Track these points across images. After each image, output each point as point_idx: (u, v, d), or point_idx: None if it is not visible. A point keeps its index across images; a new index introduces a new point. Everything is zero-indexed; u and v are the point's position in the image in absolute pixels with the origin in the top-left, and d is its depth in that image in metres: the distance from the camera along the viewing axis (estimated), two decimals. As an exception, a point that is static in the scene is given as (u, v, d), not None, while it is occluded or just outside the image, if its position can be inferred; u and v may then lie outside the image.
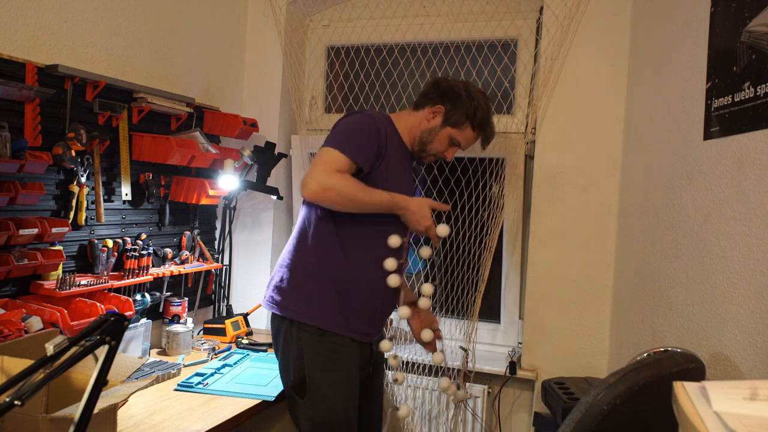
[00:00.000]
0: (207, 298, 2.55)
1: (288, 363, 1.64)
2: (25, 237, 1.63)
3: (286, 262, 1.68)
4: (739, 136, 1.26)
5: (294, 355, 1.62)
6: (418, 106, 1.74)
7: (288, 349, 1.63)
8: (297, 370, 1.61)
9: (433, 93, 1.71)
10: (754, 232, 1.19)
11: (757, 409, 0.74)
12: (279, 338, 1.67)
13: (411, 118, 1.74)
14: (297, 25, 2.66)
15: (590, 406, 0.96)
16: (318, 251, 1.64)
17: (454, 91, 1.69)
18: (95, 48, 1.95)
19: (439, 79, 1.77)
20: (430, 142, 1.72)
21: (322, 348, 1.61)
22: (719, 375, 1.29)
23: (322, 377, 1.60)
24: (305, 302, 1.63)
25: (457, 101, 1.68)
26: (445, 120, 1.70)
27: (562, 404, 1.79)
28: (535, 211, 2.28)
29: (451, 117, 1.69)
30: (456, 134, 1.71)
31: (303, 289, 1.64)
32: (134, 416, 1.58)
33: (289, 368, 1.64)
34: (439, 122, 1.70)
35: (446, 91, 1.70)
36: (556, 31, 2.22)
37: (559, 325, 2.24)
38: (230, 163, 2.36)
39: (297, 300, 1.63)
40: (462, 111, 1.68)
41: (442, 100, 1.69)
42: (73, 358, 1.00)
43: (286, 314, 1.64)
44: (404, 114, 1.77)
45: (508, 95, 2.38)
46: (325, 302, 1.62)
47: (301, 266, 1.65)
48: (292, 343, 1.62)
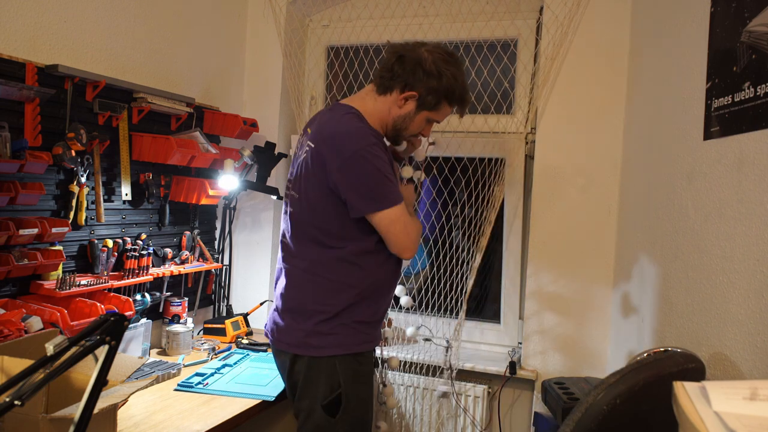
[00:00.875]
0: (207, 298, 2.55)
1: (316, 385, 1.54)
2: (25, 237, 1.63)
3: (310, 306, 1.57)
4: (739, 136, 1.26)
5: (324, 376, 1.54)
6: (385, 89, 1.57)
7: (317, 372, 1.55)
8: (328, 390, 1.53)
9: (401, 73, 1.54)
10: (754, 232, 1.19)
11: (757, 409, 0.74)
12: (305, 372, 1.56)
13: (378, 104, 1.59)
14: (297, 25, 2.66)
15: (590, 406, 0.96)
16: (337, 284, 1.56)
17: (423, 70, 1.52)
18: (95, 48, 1.94)
19: (401, 54, 1.56)
20: (406, 129, 1.61)
21: (355, 363, 1.57)
22: (719, 375, 1.29)
23: (356, 394, 1.56)
24: (340, 336, 1.55)
25: (429, 83, 1.53)
26: (419, 105, 1.56)
27: (562, 404, 1.79)
28: (535, 211, 2.28)
29: (425, 101, 1.55)
30: (433, 115, 1.60)
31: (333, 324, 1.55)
32: (134, 416, 1.58)
33: (316, 390, 1.54)
34: (413, 108, 1.56)
35: (414, 71, 1.53)
36: (556, 31, 2.22)
37: (559, 325, 2.24)
38: (230, 163, 2.36)
39: (330, 338, 1.54)
40: (436, 93, 1.54)
41: (413, 84, 1.54)
42: (73, 358, 1.00)
43: (323, 354, 1.54)
44: (368, 99, 1.60)
45: (508, 95, 2.38)
46: (354, 329, 1.57)
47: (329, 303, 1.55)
48: (322, 368, 1.54)
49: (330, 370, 1.53)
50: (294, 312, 1.60)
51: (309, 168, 1.54)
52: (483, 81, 2.36)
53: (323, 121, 1.59)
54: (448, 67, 1.54)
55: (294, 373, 1.59)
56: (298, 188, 1.59)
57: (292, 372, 1.60)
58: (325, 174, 1.50)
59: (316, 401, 1.53)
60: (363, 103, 1.60)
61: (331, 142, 1.50)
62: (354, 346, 1.57)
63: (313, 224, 1.56)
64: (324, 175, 1.50)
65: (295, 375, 1.59)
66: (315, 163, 1.52)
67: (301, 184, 1.57)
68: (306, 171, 1.55)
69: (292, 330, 1.59)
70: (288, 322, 1.60)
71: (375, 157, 1.48)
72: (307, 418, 1.57)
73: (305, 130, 1.67)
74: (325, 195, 1.52)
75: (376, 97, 1.60)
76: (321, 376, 1.54)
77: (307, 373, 1.56)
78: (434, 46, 1.58)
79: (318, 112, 1.74)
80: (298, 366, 1.58)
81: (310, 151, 1.55)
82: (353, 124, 1.53)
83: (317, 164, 1.51)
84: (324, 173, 1.50)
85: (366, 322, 1.59)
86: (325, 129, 1.54)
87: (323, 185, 1.51)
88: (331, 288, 1.56)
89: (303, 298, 1.59)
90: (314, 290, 1.57)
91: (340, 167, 1.47)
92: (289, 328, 1.59)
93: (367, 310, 1.59)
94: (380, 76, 1.59)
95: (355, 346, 1.57)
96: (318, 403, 1.53)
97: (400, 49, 1.58)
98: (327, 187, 1.50)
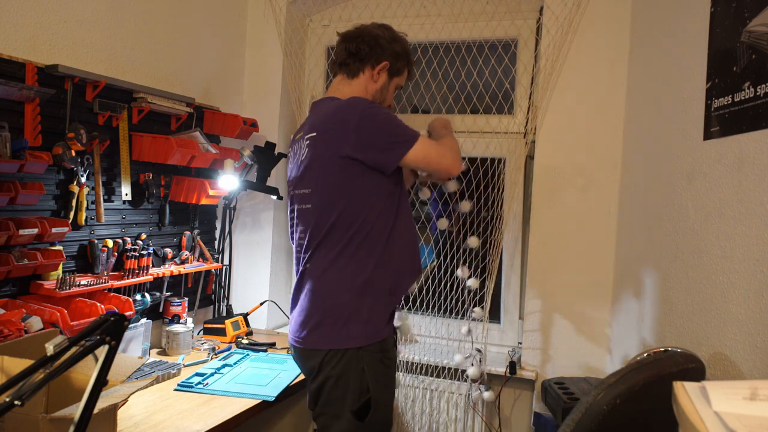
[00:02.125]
0: (207, 298, 2.55)
1: (345, 392, 1.53)
2: (25, 237, 1.63)
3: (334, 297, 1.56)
4: (739, 136, 1.26)
5: (354, 381, 1.52)
6: (356, 72, 1.68)
7: (346, 377, 1.53)
8: (358, 395, 1.52)
9: (367, 51, 1.66)
10: (754, 232, 1.19)
11: (757, 409, 0.74)
12: (333, 369, 1.53)
13: (354, 87, 1.68)
14: (297, 25, 2.66)
15: (590, 406, 0.96)
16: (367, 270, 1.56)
17: (385, 41, 1.67)
18: (95, 48, 1.95)
19: (357, 36, 1.68)
20: (384, 101, 1.72)
21: (382, 366, 1.56)
22: (719, 375, 1.29)
23: (383, 396, 1.57)
24: (365, 324, 1.54)
25: (394, 49, 1.68)
26: (390, 73, 1.69)
27: (562, 404, 1.79)
28: (535, 211, 2.28)
29: (394, 67, 1.69)
30: (399, 81, 1.73)
31: (360, 312, 1.55)
32: (134, 416, 1.58)
33: (344, 396, 1.52)
34: (385, 78, 1.69)
35: (378, 45, 1.67)
36: (556, 32, 2.22)
37: (559, 325, 2.24)
38: (230, 163, 2.36)
39: (358, 326, 1.54)
40: (401, 57, 1.70)
41: (381, 56, 1.67)
42: (73, 358, 1.00)
43: (351, 344, 1.53)
44: (343, 87, 1.69)
45: (509, 95, 2.38)
46: (379, 314, 1.58)
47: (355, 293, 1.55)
48: (353, 370, 1.52)
49: (359, 374, 1.52)
50: (327, 306, 1.57)
51: (317, 157, 1.56)
52: (484, 81, 2.36)
53: (318, 117, 1.62)
54: (396, 34, 1.71)
55: (321, 376, 1.55)
56: (308, 184, 1.60)
57: (319, 374, 1.55)
58: (338, 153, 1.51)
59: (345, 407, 1.52)
60: (341, 93, 1.67)
61: (334, 121, 1.55)
62: (385, 328, 1.58)
63: (336, 209, 1.54)
64: (337, 154, 1.52)
65: (323, 378, 1.55)
66: (324, 147, 1.54)
67: (312, 177, 1.59)
68: (314, 161, 1.57)
69: (328, 323, 1.55)
70: (321, 317, 1.57)
71: (378, 110, 1.55)
72: (333, 423, 1.55)
73: (297, 137, 1.70)
74: (341, 172, 1.53)
75: (350, 83, 1.69)
76: (350, 381, 1.52)
77: (338, 377, 1.53)
78: (374, 23, 1.72)
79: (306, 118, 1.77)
80: (328, 368, 1.54)
81: (312, 141, 1.58)
82: (345, 101, 1.59)
83: (328, 147, 1.54)
84: (337, 152, 1.52)
85: (393, 292, 1.61)
86: (323, 116, 1.60)
87: (337, 165, 1.53)
88: (363, 268, 1.55)
89: (336, 287, 1.56)
90: (349, 275, 1.55)
91: (354, 135, 1.51)
92: (322, 323, 1.56)
93: (397, 285, 1.62)
94: (345, 63, 1.69)
95: (385, 327, 1.59)
96: (347, 408, 1.52)
97: (353, 33, 1.70)
98: (343, 163, 1.52)
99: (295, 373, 2.00)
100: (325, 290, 1.57)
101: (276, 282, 2.71)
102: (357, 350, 1.52)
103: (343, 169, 1.52)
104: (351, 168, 1.52)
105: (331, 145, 1.53)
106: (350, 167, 1.52)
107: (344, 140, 1.50)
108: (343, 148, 1.50)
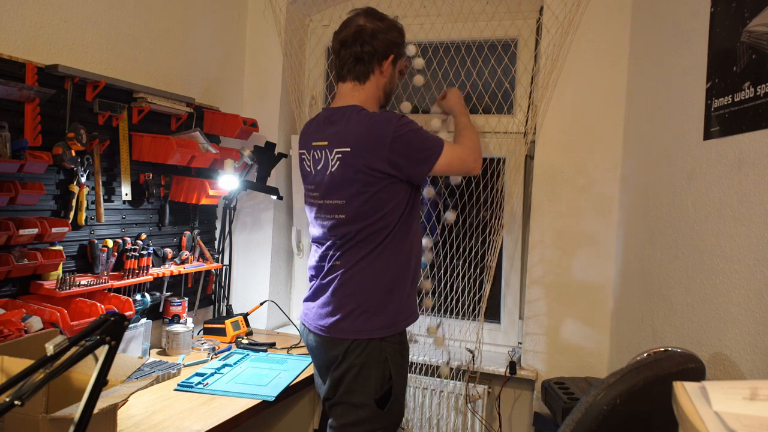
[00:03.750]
0: (207, 298, 2.55)
1: (368, 380, 1.60)
2: (25, 237, 1.63)
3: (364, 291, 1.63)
4: (739, 136, 1.26)
5: (377, 370, 1.60)
6: (365, 75, 1.69)
7: (369, 366, 1.60)
8: (380, 384, 1.60)
9: (371, 51, 1.67)
10: (754, 232, 1.19)
11: (757, 409, 0.74)
12: (357, 358, 1.60)
13: (367, 90, 1.70)
14: (297, 25, 2.66)
15: (590, 406, 0.96)
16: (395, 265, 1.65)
17: (383, 34, 1.68)
18: (95, 48, 1.95)
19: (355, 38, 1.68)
20: (393, 88, 1.79)
21: (401, 357, 1.65)
22: (719, 375, 1.29)
23: (401, 385, 1.66)
24: (393, 314, 1.64)
25: (392, 38, 1.71)
26: (394, 60, 1.73)
27: (562, 404, 1.79)
28: (535, 211, 2.28)
29: (398, 54, 1.74)
30: (402, 63, 1.79)
31: (388, 305, 1.64)
32: (134, 416, 1.58)
33: (368, 385, 1.59)
34: (391, 69, 1.73)
35: (378, 40, 1.67)
36: (556, 32, 2.22)
37: (559, 325, 2.24)
38: (230, 163, 2.36)
39: (383, 318, 1.63)
40: (399, 42, 1.74)
41: (385, 50, 1.69)
42: (73, 358, 0.99)
43: (375, 335, 1.61)
44: (357, 94, 1.70)
45: (509, 95, 2.38)
46: (404, 306, 1.68)
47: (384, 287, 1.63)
48: (375, 360, 1.60)
49: (382, 364, 1.60)
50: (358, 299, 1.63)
51: (351, 172, 1.61)
52: (484, 81, 2.36)
53: (348, 131, 1.63)
54: (389, 21, 1.72)
55: (344, 364, 1.61)
56: (341, 195, 1.64)
57: (343, 362, 1.61)
58: (373, 168, 1.58)
59: (368, 395, 1.59)
60: (358, 99, 1.70)
61: (368, 138, 1.59)
62: (408, 319, 1.70)
63: (370, 219, 1.61)
64: (372, 170, 1.58)
65: (347, 366, 1.60)
66: (359, 164, 1.59)
67: (345, 190, 1.63)
68: (348, 176, 1.62)
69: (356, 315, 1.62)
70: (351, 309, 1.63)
71: (408, 125, 1.62)
72: (354, 411, 1.60)
73: (317, 144, 1.70)
74: (375, 186, 1.60)
75: (363, 87, 1.71)
76: (373, 370, 1.59)
77: (361, 366, 1.59)
78: (361, 15, 1.71)
79: (314, 123, 1.78)
80: (352, 357, 1.60)
81: (345, 156, 1.61)
82: (375, 114, 1.64)
83: (363, 164, 1.59)
84: (373, 168, 1.58)
85: (414, 281, 1.73)
86: (355, 132, 1.61)
87: (372, 180, 1.59)
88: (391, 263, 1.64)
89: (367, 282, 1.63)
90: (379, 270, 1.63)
91: (388, 153, 1.57)
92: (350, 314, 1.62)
93: (415, 274, 1.73)
94: (353, 70, 1.69)
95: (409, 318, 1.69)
96: (371, 396, 1.59)
97: (351, 37, 1.68)
98: (377, 177, 1.59)
99: (295, 373, 2.00)
100: (357, 284, 1.63)
101: (276, 282, 2.71)
102: (380, 341, 1.60)
103: (377, 184, 1.60)
104: (384, 181, 1.60)
105: (367, 161, 1.58)
106: (383, 180, 1.60)
107: (379, 158, 1.57)
108: (379, 164, 1.58)
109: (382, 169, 1.58)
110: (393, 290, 1.64)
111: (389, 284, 1.64)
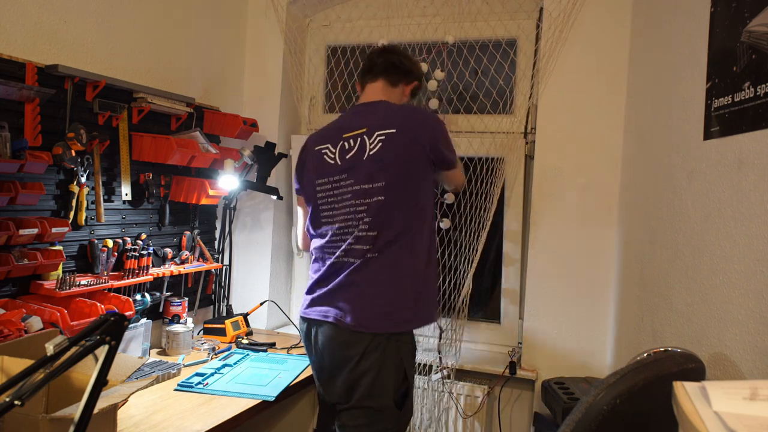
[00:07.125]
0: (207, 298, 2.55)
1: (386, 382, 1.60)
2: (25, 237, 1.63)
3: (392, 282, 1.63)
4: (739, 136, 1.26)
5: (394, 370, 1.61)
6: (396, 82, 1.83)
7: (387, 368, 1.60)
8: (397, 383, 1.61)
9: (408, 66, 1.84)
10: (754, 232, 1.19)
11: (757, 409, 0.74)
12: (375, 361, 1.59)
13: (393, 95, 1.82)
14: (297, 25, 2.66)
15: (590, 406, 0.96)
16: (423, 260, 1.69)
17: (414, 63, 1.88)
18: (95, 48, 1.95)
19: (398, 50, 1.89)
20: None
21: (411, 356, 1.68)
22: (719, 375, 1.29)
23: (413, 383, 1.69)
24: (423, 308, 1.69)
25: (420, 73, 1.90)
26: (413, 92, 1.88)
27: (562, 404, 1.79)
28: (535, 211, 2.28)
29: (416, 90, 1.90)
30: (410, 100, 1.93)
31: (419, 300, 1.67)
32: (134, 416, 1.58)
33: (387, 387, 1.60)
34: (409, 95, 1.88)
35: (413, 63, 1.87)
36: (556, 31, 2.22)
37: (559, 325, 2.24)
38: (230, 163, 2.36)
39: (411, 312, 1.65)
40: (421, 78, 1.92)
41: (415, 75, 1.86)
42: (73, 358, 0.99)
43: (398, 329, 1.63)
44: (388, 92, 1.81)
45: (509, 95, 2.38)
46: (431, 301, 1.75)
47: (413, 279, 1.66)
48: (392, 361, 1.60)
49: (399, 364, 1.62)
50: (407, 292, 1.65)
51: (398, 153, 1.65)
52: (480, 81, 2.36)
53: (388, 116, 1.71)
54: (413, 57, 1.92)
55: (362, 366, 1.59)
56: (382, 177, 1.64)
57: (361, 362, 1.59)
58: (418, 149, 1.65)
59: (389, 397, 1.60)
60: (388, 96, 1.80)
61: (413, 120, 1.70)
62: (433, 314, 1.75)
63: (414, 200, 1.67)
64: (417, 150, 1.65)
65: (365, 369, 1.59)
66: (405, 143, 1.65)
67: (388, 171, 1.64)
68: (393, 156, 1.65)
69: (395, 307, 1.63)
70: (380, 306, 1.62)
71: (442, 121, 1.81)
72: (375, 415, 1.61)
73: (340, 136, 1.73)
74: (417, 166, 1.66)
75: (393, 90, 1.82)
76: (391, 371, 1.60)
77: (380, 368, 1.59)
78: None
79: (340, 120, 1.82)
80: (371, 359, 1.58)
81: (389, 137, 1.66)
82: (413, 106, 1.85)
83: (408, 143, 1.65)
84: (417, 148, 1.65)
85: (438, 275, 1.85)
86: (401, 115, 1.72)
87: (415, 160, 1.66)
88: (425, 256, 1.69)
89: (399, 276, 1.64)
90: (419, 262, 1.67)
91: (432, 133, 1.69)
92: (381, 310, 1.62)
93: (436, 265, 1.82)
94: (388, 71, 1.81)
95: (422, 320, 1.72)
96: (391, 399, 1.61)
97: (392, 48, 1.91)
98: (419, 158, 1.66)
99: (295, 373, 2.00)
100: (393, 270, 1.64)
101: (276, 282, 2.71)
102: (396, 341, 1.61)
103: (418, 164, 1.66)
104: (424, 164, 1.67)
105: (412, 141, 1.65)
106: (424, 163, 1.67)
107: (424, 138, 1.66)
108: (424, 144, 1.65)
109: (425, 150, 1.65)
110: (427, 283, 1.70)
111: (423, 273, 1.68)
